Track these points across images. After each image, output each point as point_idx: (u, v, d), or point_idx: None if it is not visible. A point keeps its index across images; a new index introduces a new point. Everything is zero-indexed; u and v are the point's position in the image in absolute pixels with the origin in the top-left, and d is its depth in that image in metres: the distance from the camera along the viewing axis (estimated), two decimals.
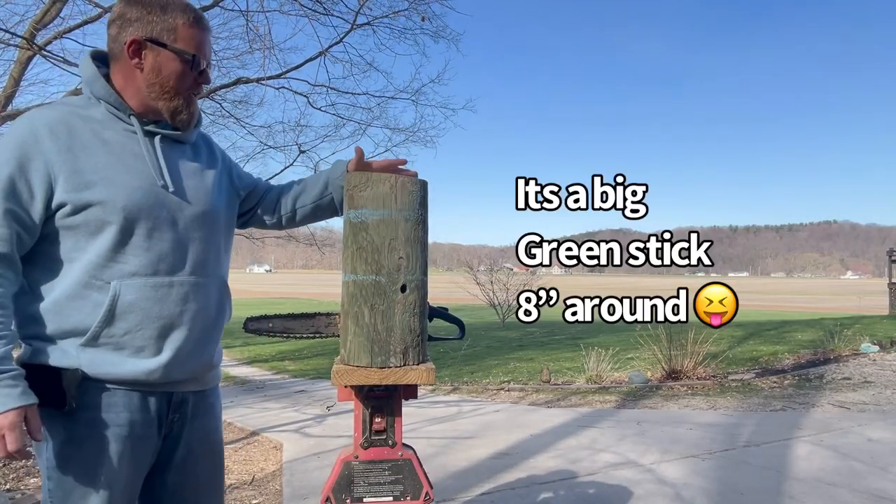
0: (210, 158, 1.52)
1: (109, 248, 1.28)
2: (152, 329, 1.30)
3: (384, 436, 1.46)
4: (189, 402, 1.43)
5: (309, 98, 7.19)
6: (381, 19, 6.70)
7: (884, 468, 3.68)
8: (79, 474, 1.28)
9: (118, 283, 1.28)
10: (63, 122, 1.28)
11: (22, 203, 1.24)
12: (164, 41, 1.33)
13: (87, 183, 1.25)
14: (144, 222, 1.29)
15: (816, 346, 9.99)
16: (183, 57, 1.34)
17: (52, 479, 1.29)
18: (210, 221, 1.42)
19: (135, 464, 1.33)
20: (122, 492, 1.32)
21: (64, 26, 5.75)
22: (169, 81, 1.34)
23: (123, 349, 1.29)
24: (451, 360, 10.99)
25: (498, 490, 3.44)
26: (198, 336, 1.38)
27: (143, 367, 1.30)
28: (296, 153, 7.78)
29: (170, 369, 1.33)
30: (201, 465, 1.47)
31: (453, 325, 1.72)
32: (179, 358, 1.34)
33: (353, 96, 7.43)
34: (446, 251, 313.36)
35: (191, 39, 1.35)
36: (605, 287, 56.77)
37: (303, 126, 7.91)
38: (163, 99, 1.35)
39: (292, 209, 1.66)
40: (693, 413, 5.51)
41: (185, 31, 1.34)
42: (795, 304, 45.32)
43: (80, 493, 1.28)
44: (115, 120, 1.34)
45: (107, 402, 1.29)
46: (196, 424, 1.45)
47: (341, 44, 6.79)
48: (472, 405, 6.30)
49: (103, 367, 1.28)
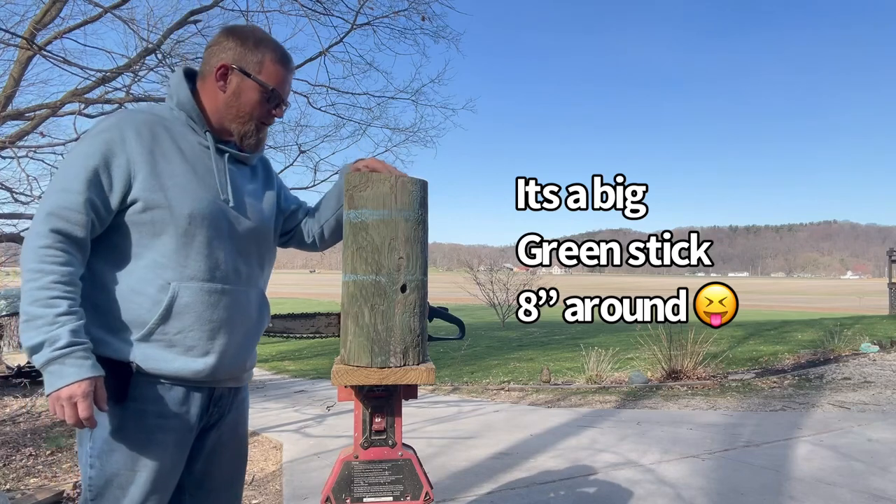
0: (266, 180, 1.63)
1: (173, 249, 1.36)
2: (203, 331, 1.39)
3: (384, 436, 1.46)
4: (225, 398, 1.52)
5: (309, 98, 7.19)
6: (382, 19, 6.72)
7: (884, 468, 3.68)
8: (122, 464, 1.35)
9: (177, 285, 1.36)
10: (148, 126, 1.38)
11: (102, 194, 1.33)
12: (250, 71, 1.45)
13: (162, 185, 1.35)
14: (207, 231, 1.39)
15: (816, 346, 9.99)
16: (263, 88, 1.45)
17: (95, 467, 1.35)
18: (261, 237, 1.54)
19: (175, 455, 1.41)
20: (161, 482, 1.39)
21: (64, 26, 5.76)
22: (245, 107, 1.46)
23: (174, 347, 1.37)
24: (451, 360, 10.99)
25: (498, 490, 3.44)
26: (241, 340, 1.48)
27: (192, 365, 1.38)
28: (296, 153, 7.77)
29: (215, 370, 1.42)
30: (227, 456, 1.56)
31: (453, 325, 1.73)
32: (224, 360, 1.44)
33: (353, 96, 7.44)
34: (446, 251, 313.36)
35: (274, 75, 1.47)
36: (605, 287, 57.23)
37: (303, 126, 7.92)
38: (237, 122, 1.47)
39: (319, 228, 1.72)
40: (693, 413, 5.51)
41: (270, 66, 1.46)
42: (795, 304, 45.32)
43: (121, 482, 1.35)
44: (192, 132, 1.45)
45: (154, 396, 1.37)
46: (228, 418, 1.54)
47: (341, 44, 6.80)
48: (472, 405, 6.31)
49: (155, 362, 1.35)
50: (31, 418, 6.40)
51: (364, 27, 6.69)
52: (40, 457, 4.52)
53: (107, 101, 6.03)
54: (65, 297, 1.25)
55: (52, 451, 4.69)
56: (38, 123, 5.94)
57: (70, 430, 5.66)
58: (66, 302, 1.25)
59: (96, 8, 5.40)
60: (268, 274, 1.61)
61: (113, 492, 1.35)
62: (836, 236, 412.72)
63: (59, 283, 1.25)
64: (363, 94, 7.44)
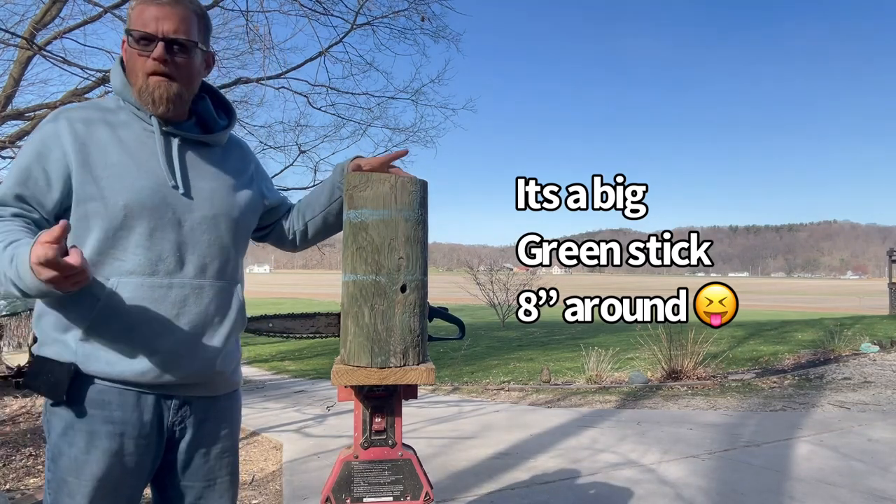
0: (240, 164, 1.52)
1: (108, 244, 1.29)
2: (147, 329, 1.29)
3: (384, 436, 1.46)
4: (195, 406, 1.41)
5: (309, 98, 7.20)
6: (381, 19, 6.72)
7: (884, 468, 3.68)
8: (69, 468, 1.29)
9: (116, 280, 1.28)
10: (83, 119, 1.32)
11: (36, 189, 1.28)
12: (126, 31, 1.33)
13: (95, 177, 1.28)
14: (147, 221, 1.30)
15: (816, 346, 9.99)
16: (129, 38, 1.32)
17: (51, 469, 1.32)
18: (222, 225, 1.40)
19: (129, 464, 1.32)
20: (111, 493, 1.31)
21: (64, 26, 5.76)
22: (129, 66, 1.35)
23: (117, 347, 1.29)
24: (451, 360, 10.99)
25: (498, 490, 3.43)
26: (193, 339, 1.35)
27: (136, 366, 1.29)
28: (296, 153, 7.78)
29: (162, 371, 1.31)
30: (213, 469, 1.45)
31: (453, 325, 1.72)
32: (172, 360, 1.32)
33: (353, 96, 7.44)
34: (446, 251, 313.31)
35: (137, 16, 1.31)
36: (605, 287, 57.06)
37: (303, 126, 7.92)
38: (135, 87, 1.34)
39: (303, 225, 1.63)
40: (693, 413, 5.51)
41: (133, 12, 1.32)
42: (795, 304, 45.31)
43: (69, 490, 1.29)
44: (138, 120, 1.36)
45: (101, 399, 1.30)
46: (207, 429, 1.43)
47: (341, 44, 6.80)
48: (472, 405, 6.30)
49: (97, 364, 1.29)
50: (31, 418, 6.40)
51: (364, 27, 6.69)
52: (40, 457, 4.52)
53: None
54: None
55: None
56: (37, 123, 5.94)
57: None
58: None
59: (96, 8, 5.40)
60: (235, 265, 1.46)
61: (62, 499, 1.29)
62: (836, 236, 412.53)
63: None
64: (363, 94, 7.46)
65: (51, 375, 1.28)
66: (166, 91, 1.32)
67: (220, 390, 1.46)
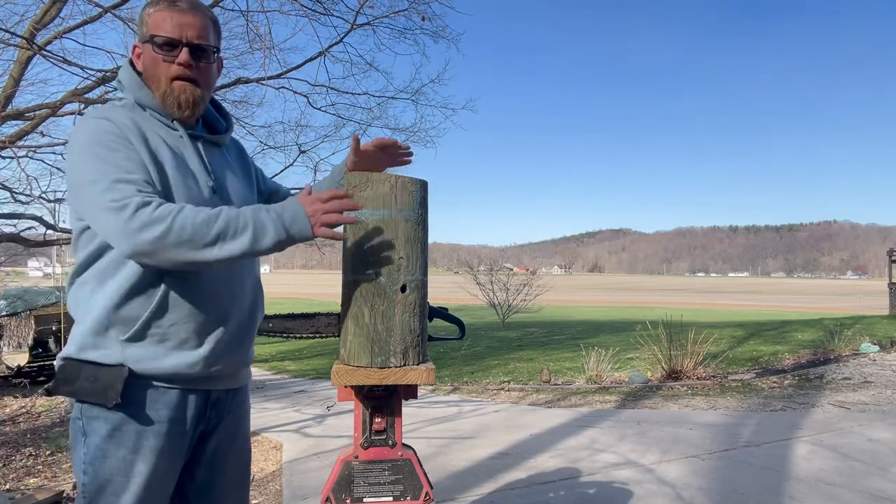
0: (242, 160, 1.58)
1: None
2: (196, 323, 1.35)
3: (384, 436, 1.46)
4: (222, 400, 1.47)
5: (309, 98, 7.21)
6: (382, 19, 6.72)
7: (884, 468, 3.68)
8: (115, 470, 1.31)
9: (170, 277, 1.32)
10: (133, 122, 1.33)
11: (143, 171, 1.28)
12: (142, 36, 1.37)
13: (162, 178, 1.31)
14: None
15: (816, 346, 9.99)
16: (151, 42, 1.35)
17: (88, 473, 1.32)
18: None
19: (170, 461, 1.36)
20: (156, 489, 1.35)
21: (64, 26, 5.76)
22: (151, 72, 1.37)
23: (167, 341, 1.33)
24: (451, 360, 10.99)
25: (498, 490, 3.43)
26: (234, 332, 1.43)
27: (185, 359, 1.34)
28: (296, 153, 7.79)
29: (209, 363, 1.38)
30: (230, 461, 1.52)
31: (453, 325, 1.72)
32: (217, 352, 1.39)
33: (353, 96, 7.45)
34: (446, 251, 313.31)
35: (159, 22, 1.34)
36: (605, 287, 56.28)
37: (303, 126, 7.95)
38: (157, 93, 1.37)
39: None
40: (693, 413, 5.51)
41: (154, 17, 1.35)
42: (795, 304, 45.31)
43: (114, 489, 1.31)
44: (161, 124, 1.39)
45: (148, 399, 1.33)
46: (227, 421, 1.50)
47: (341, 44, 6.81)
48: (472, 405, 6.30)
49: (147, 361, 1.32)
50: (31, 418, 6.40)
51: (364, 27, 6.69)
52: (40, 457, 4.52)
53: (107, 101, 6.02)
54: (218, 212, 1.23)
55: (51, 451, 4.69)
56: (37, 123, 5.95)
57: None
58: (223, 210, 1.23)
59: (96, 8, 5.40)
60: (255, 259, 1.52)
61: (106, 498, 1.31)
62: (836, 236, 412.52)
63: (203, 212, 1.22)
64: (363, 94, 7.46)
65: (95, 380, 1.28)
66: (192, 95, 1.37)
67: (240, 382, 1.53)
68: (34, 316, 12.63)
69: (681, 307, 25.73)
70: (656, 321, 8.47)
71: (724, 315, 29.90)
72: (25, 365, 11.74)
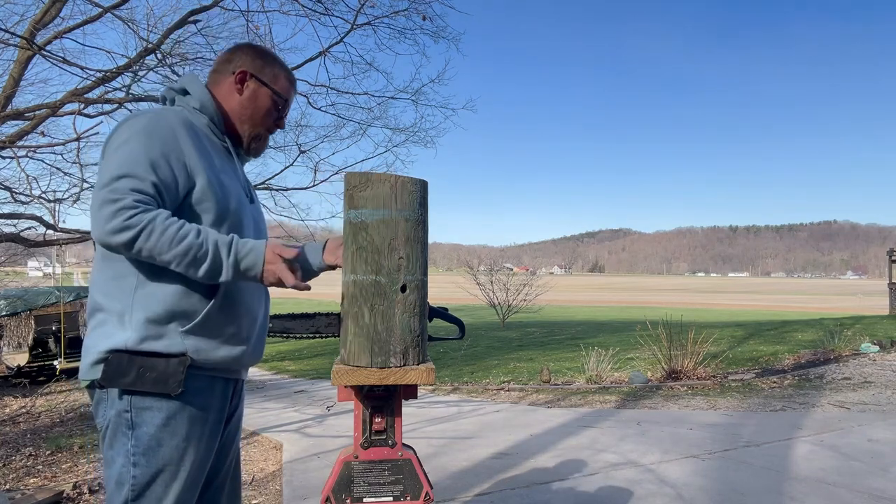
0: (244, 175, 1.71)
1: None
2: (244, 317, 1.48)
3: (384, 436, 1.46)
4: (239, 390, 1.62)
5: (309, 98, 7.19)
6: (382, 19, 6.71)
7: (884, 468, 3.68)
8: (172, 457, 1.36)
9: None
10: (186, 126, 1.43)
11: (166, 183, 1.35)
12: (266, 80, 1.59)
13: (218, 182, 1.44)
14: (244, 224, 1.50)
15: (816, 346, 9.99)
16: (277, 96, 1.60)
17: (140, 465, 1.34)
18: (262, 225, 1.67)
19: (210, 445, 1.45)
20: (200, 476, 1.43)
21: (64, 26, 5.77)
22: (259, 112, 1.58)
23: (220, 335, 1.43)
24: (451, 360, 10.99)
25: (498, 490, 3.43)
26: (262, 326, 1.58)
27: (234, 351, 1.46)
28: (296, 153, 7.78)
29: (250, 354, 1.52)
30: (233, 448, 1.65)
31: (453, 325, 1.72)
32: (255, 344, 1.54)
33: (353, 96, 7.44)
34: (446, 251, 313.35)
35: (285, 89, 1.62)
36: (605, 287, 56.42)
37: (303, 126, 7.93)
38: (249, 124, 1.58)
39: None
40: (693, 413, 5.51)
41: (283, 82, 1.62)
42: (795, 304, 45.30)
43: (166, 479, 1.36)
44: (212, 135, 1.54)
45: (198, 387, 1.41)
46: (239, 408, 1.65)
47: (341, 44, 6.80)
48: (472, 405, 6.31)
49: (205, 352, 1.40)
50: (31, 418, 6.41)
51: (364, 27, 6.69)
52: (40, 457, 4.52)
53: (106, 101, 6.03)
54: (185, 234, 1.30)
55: (51, 451, 4.69)
56: (37, 123, 5.94)
57: (69, 431, 5.65)
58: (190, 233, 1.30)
59: (96, 8, 5.40)
60: None
61: (156, 488, 1.34)
62: (836, 236, 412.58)
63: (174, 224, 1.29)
64: (363, 94, 7.45)
65: (156, 370, 1.33)
66: (266, 143, 1.66)
67: (247, 373, 1.67)
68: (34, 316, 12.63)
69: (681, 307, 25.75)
70: (656, 321, 8.47)
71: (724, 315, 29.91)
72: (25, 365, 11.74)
